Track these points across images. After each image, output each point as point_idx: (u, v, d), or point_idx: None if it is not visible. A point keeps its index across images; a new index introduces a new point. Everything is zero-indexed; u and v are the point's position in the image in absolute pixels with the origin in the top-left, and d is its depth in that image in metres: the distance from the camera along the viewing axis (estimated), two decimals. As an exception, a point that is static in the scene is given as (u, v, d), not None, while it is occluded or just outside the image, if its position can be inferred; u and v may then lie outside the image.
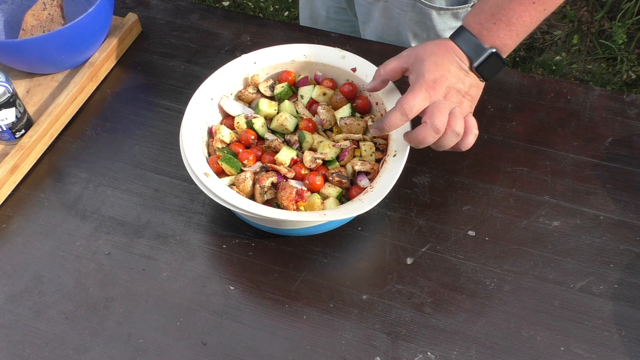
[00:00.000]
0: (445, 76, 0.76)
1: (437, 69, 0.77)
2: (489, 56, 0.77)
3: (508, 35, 0.77)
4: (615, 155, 0.92)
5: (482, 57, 0.77)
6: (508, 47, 0.78)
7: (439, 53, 0.78)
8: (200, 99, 0.85)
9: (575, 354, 0.75)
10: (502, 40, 0.77)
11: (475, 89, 0.80)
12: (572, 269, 0.82)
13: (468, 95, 0.79)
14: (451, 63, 0.78)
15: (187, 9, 1.15)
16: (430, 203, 0.88)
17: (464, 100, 0.78)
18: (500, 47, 0.78)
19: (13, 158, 0.90)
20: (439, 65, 0.77)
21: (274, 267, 0.83)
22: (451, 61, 0.78)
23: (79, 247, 0.86)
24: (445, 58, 0.78)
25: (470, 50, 0.78)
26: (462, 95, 0.78)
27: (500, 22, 0.76)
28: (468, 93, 0.78)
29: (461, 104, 0.78)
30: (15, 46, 0.95)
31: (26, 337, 0.78)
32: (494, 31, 0.77)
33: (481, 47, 0.77)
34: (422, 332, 0.77)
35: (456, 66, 0.78)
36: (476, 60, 0.78)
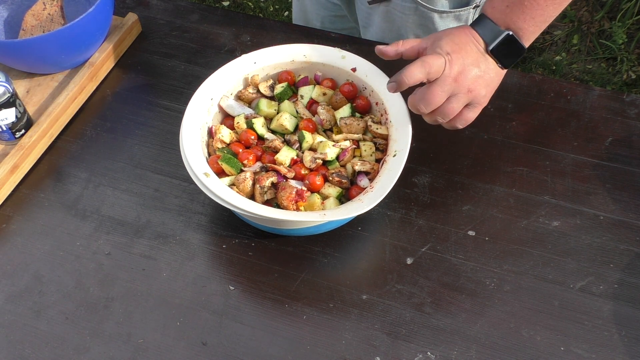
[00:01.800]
0: (462, 53, 0.77)
1: (455, 46, 0.77)
2: (504, 39, 0.77)
3: (522, 19, 0.77)
4: (615, 155, 0.92)
5: (497, 40, 0.77)
6: (525, 32, 0.78)
7: (457, 34, 0.78)
8: (200, 99, 0.85)
9: (575, 354, 0.75)
10: (517, 24, 0.77)
11: (493, 75, 0.79)
12: (572, 269, 0.82)
13: (481, 80, 0.78)
14: (468, 44, 0.78)
15: (187, 9, 1.15)
16: (430, 203, 0.88)
17: (471, 95, 0.78)
18: (515, 30, 0.78)
19: (13, 158, 0.90)
20: (457, 43, 0.77)
21: (274, 267, 0.83)
22: (469, 42, 0.78)
23: (79, 247, 0.86)
24: (463, 38, 0.78)
25: (485, 33, 0.78)
26: (474, 82, 0.77)
27: (513, 5, 0.76)
28: (482, 77, 0.78)
29: (468, 94, 0.78)
30: (15, 46, 0.95)
31: (26, 337, 0.78)
32: (507, 14, 0.77)
33: (497, 30, 0.78)
34: (422, 332, 0.77)
35: (474, 47, 0.78)
36: (491, 44, 0.77)
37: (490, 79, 0.79)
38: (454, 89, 0.77)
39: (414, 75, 0.76)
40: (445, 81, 0.76)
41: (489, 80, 0.79)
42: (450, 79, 0.76)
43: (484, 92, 0.79)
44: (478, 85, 0.78)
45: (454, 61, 0.76)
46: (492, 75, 0.79)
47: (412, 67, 0.76)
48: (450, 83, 0.76)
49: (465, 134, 0.95)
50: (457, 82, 0.76)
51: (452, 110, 0.79)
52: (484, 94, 0.79)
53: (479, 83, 0.78)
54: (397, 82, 0.77)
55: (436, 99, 0.76)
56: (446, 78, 0.76)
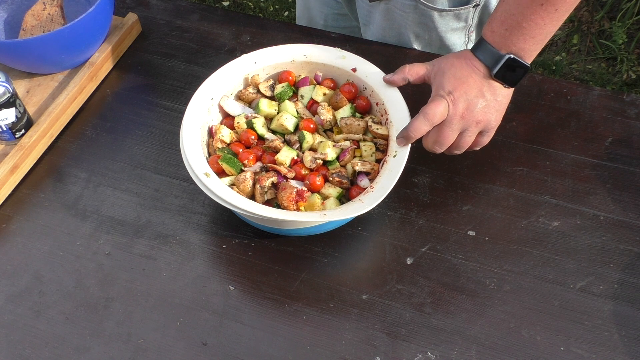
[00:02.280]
0: (464, 88, 0.78)
1: (457, 82, 0.79)
2: (506, 62, 0.78)
3: (522, 40, 0.77)
4: (615, 155, 0.92)
5: (499, 65, 0.78)
6: (527, 51, 0.79)
7: (458, 65, 0.80)
8: (200, 99, 0.85)
9: (575, 354, 0.75)
10: (518, 45, 0.78)
11: (501, 98, 0.80)
12: (572, 269, 0.82)
13: (489, 109, 0.80)
14: (471, 75, 0.79)
15: (187, 9, 1.15)
16: (430, 203, 0.88)
17: (481, 125, 0.80)
18: (516, 52, 0.78)
19: (13, 158, 0.90)
20: (459, 78, 0.79)
21: (274, 267, 0.83)
22: (471, 73, 0.79)
23: (79, 247, 0.86)
24: (464, 70, 0.79)
25: (487, 59, 0.79)
26: (482, 113, 0.79)
27: (512, 28, 0.77)
28: (489, 106, 0.79)
29: (478, 125, 0.80)
30: (15, 46, 0.95)
31: (26, 337, 0.78)
32: (507, 37, 0.78)
33: (497, 55, 0.78)
34: (422, 332, 0.77)
35: (476, 76, 0.79)
36: (494, 69, 0.78)
37: (498, 103, 0.80)
38: (463, 126, 0.79)
39: (420, 129, 0.79)
40: (453, 121, 0.79)
41: (497, 106, 0.80)
42: (457, 118, 0.78)
43: (494, 118, 0.81)
44: (486, 114, 0.80)
45: (457, 100, 0.78)
46: (499, 99, 0.80)
47: (416, 122, 0.79)
48: (458, 122, 0.79)
49: (465, 134, 0.95)
50: (464, 119, 0.79)
51: (466, 143, 0.82)
52: (493, 119, 0.81)
53: (486, 112, 0.80)
54: (405, 137, 0.80)
55: (448, 139, 0.80)
56: (453, 118, 0.78)
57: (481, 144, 0.84)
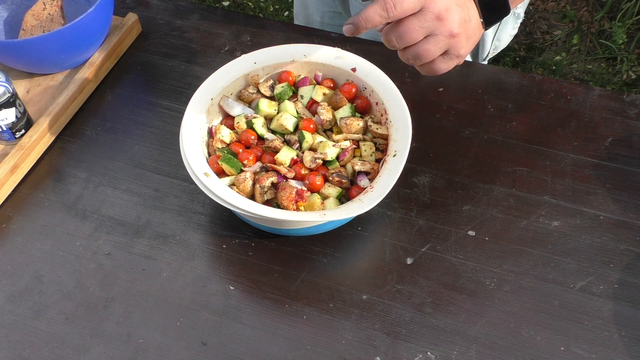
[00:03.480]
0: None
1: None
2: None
3: None
4: (615, 155, 0.92)
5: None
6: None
7: None
8: (200, 99, 0.85)
9: (575, 354, 0.75)
10: None
11: (475, 26, 0.71)
12: (572, 269, 0.82)
13: (465, 27, 0.70)
14: None
15: (187, 9, 1.15)
16: (430, 203, 0.88)
17: (452, 41, 0.70)
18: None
19: (13, 158, 0.90)
20: None
21: (274, 267, 0.83)
22: None
23: (79, 247, 0.86)
24: None
25: None
26: (459, 26, 0.69)
27: None
28: (467, 24, 0.70)
29: (449, 38, 0.69)
30: (15, 46, 0.95)
31: (26, 337, 0.78)
32: None
33: None
34: (422, 332, 0.77)
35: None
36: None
37: (472, 29, 0.71)
38: (434, 28, 0.68)
39: (372, 19, 0.66)
40: (426, 17, 0.67)
41: (471, 31, 0.71)
42: (432, 14, 0.67)
43: (465, 43, 0.71)
44: (462, 31, 0.69)
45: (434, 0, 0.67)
46: (474, 26, 0.71)
47: (370, 9, 0.66)
48: (432, 20, 0.67)
49: (465, 134, 0.95)
50: (439, 21, 0.68)
51: (428, 53, 0.70)
52: (464, 44, 0.71)
53: (463, 29, 0.69)
54: (353, 24, 0.68)
55: (411, 34, 0.68)
56: (427, 13, 0.67)
57: (439, 70, 0.72)
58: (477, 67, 1.05)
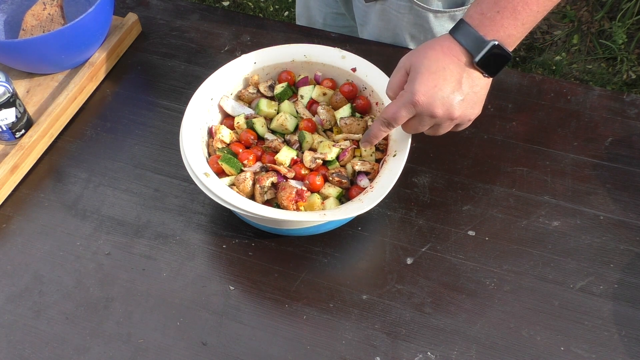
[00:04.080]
0: (438, 86, 0.71)
1: (430, 78, 0.72)
2: (490, 49, 0.71)
3: (513, 25, 0.71)
4: (615, 155, 0.92)
5: (483, 52, 0.71)
6: (513, 39, 0.73)
7: (433, 57, 0.73)
8: (200, 99, 0.85)
9: (575, 354, 0.75)
10: (507, 31, 0.71)
11: (478, 89, 0.74)
12: (572, 269, 0.82)
13: (464, 104, 0.73)
14: (447, 66, 0.72)
15: (187, 9, 1.15)
16: (430, 203, 0.88)
17: (457, 121, 0.75)
18: (503, 38, 0.72)
19: (13, 158, 0.90)
20: (433, 72, 0.72)
21: (274, 267, 0.83)
22: (448, 63, 0.72)
23: (79, 247, 0.86)
24: (441, 62, 0.72)
25: (469, 45, 0.72)
26: (457, 109, 0.73)
27: (505, 10, 0.71)
28: (465, 100, 0.73)
29: (452, 121, 0.75)
30: (15, 46, 0.95)
31: (26, 337, 0.78)
32: (497, 20, 0.71)
33: (482, 40, 0.71)
34: (422, 332, 0.77)
35: (454, 66, 0.72)
36: (477, 55, 0.71)
37: (475, 95, 0.74)
38: (434, 122, 0.75)
39: (379, 135, 0.78)
40: (422, 119, 0.74)
41: (474, 99, 0.74)
42: (426, 117, 0.74)
43: (470, 112, 0.75)
44: (463, 110, 0.74)
45: (427, 101, 0.72)
46: (477, 91, 0.74)
47: (374, 128, 0.78)
48: (428, 119, 0.74)
49: (465, 134, 0.95)
50: (435, 117, 0.73)
51: (439, 133, 0.78)
52: (470, 112, 0.75)
53: (463, 107, 0.73)
54: (368, 142, 0.80)
55: (420, 129, 0.76)
56: (422, 117, 0.74)
57: (457, 131, 0.79)
58: (477, 67, 1.05)
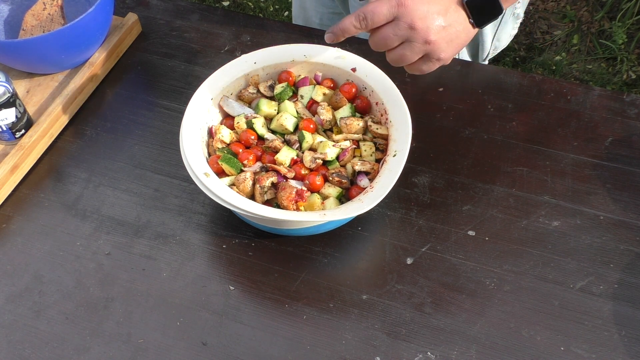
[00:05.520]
0: (427, 1, 0.69)
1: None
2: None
3: None
4: (615, 155, 0.92)
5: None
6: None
7: None
8: (200, 99, 0.85)
9: (575, 354, 0.75)
10: None
11: (460, 29, 0.72)
12: (572, 269, 0.82)
13: (444, 33, 0.70)
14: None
15: (187, 9, 1.15)
16: (430, 203, 0.88)
17: (429, 48, 0.71)
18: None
19: (13, 158, 0.90)
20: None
21: (274, 267, 0.83)
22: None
23: (79, 247, 0.86)
24: None
25: None
26: (435, 33, 0.70)
27: None
28: (445, 29, 0.70)
29: (425, 45, 0.71)
30: (15, 46, 0.95)
31: (26, 337, 0.78)
32: None
33: None
34: (422, 332, 0.77)
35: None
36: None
37: (455, 33, 0.72)
38: (408, 36, 0.70)
39: (348, 29, 0.72)
40: (399, 26, 0.70)
41: (453, 35, 0.72)
42: (404, 24, 0.70)
43: (445, 47, 0.72)
44: (439, 37, 0.70)
45: (413, 6, 0.69)
46: (458, 29, 0.72)
47: (346, 20, 0.72)
48: (405, 29, 0.70)
49: (465, 134, 0.95)
50: (412, 30, 0.70)
51: (404, 58, 0.73)
52: (444, 48, 0.72)
53: (440, 35, 0.70)
54: (333, 32, 0.74)
55: (386, 41, 0.71)
56: (400, 23, 0.70)
57: (421, 71, 0.74)
58: (477, 67, 1.05)
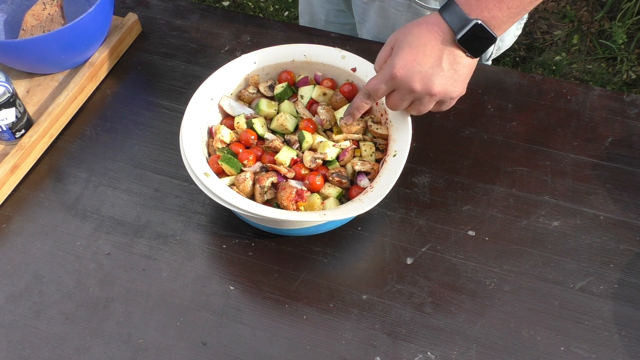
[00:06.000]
0: (417, 60, 0.73)
1: (410, 53, 0.73)
2: (473, 28, 0.72)
3: (498, 7, 0.72)
4: (615, 155, 0.92)
5: (464, 30, 0.72)
6: (498, 20, 0.73)
7: (417, 33, 0.74)
8: (200, 99, 0.85)
9: (575, 354, 0.75)
10: (491, 12, 0.72)
11: (460, 67, 0.75)
12: (572, 269, 0.82)
13: (445, 80, 0.74)
14: (429, 42, 0.73)
15: (187, 9, 1.15)
16: (430, 203, 0.88)
17: (437, 97, 0.75)
18: (488, 19, 0.72)
19: (13, 158, 0.90)
20: (415, 47, 0.73)
21: (274, 267, 0.83)
22: (430, 39, 0.73)
23: (79, 247, 0.86)
24: (423, 37, 0.74)
25: (453, 22, 0.73)
26: (438, 85, 0.74)
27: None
28: (445, 77, 0.74)
29: (433, 97, 0.75)
30: (15, 46, 0.95)
31: (26, 337, 0.78)
32: (482, 1, 0.72)
33: (465, 19, 0.72)
34: (422, 332, 0.77)
35: (436, 42, 0.73)
36: (459, 33, 0.72)
37: (457, 74, 0.75)
38: (415, 97, 0.76)
39: (361, 107, 0.80)
40: (402, 93, 0.76)
41: (455, 77, 0.75)
42: (405, 91, 0.75)
43: (452, 89, 0.75)
44: (442, 87, 0.75)
45: (406, 74, 0.73)
46: (458, 69, 0.75)
47: (356, 100, 0.80)
48: (408, 93, 0.75)
49: (465, 134, 0.95)
50: (415, 93, 0.75)
51: (421, 111, 0.78)
52: (451, 90, 0.75)
53: (443, 84, 0.74)
54: (350, 114, 0.82)
55: (398, 106, 0.78)
56: (401, 91, 0.75)
57: (440, 110, 0.80)
58: (477, 67, 1.04)
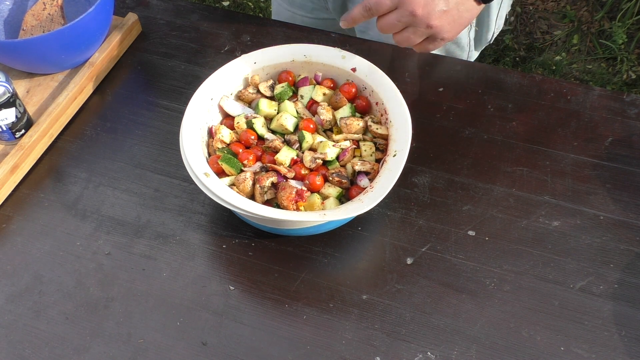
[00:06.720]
0: None
1: None
2: None
3: None
4: (615, 155, 0.92)
5: None
6: None
7: None
8: (200, 99, 0.85)
9: (575, 354, 0.75)
10: None
11: (463, 9, 0.73)
12: (572, 269, 0.82)
13: (446, 16, 0.72)
14: None
15: (187, 9, 1.15)
16: (430, 203, 0.88)
17: (432, 31, 0.73)
18: None
19: (13, 158, 0.90)
20: None
21: (274, 267, 0.83)
22: None
23: (79, 247, 0.86)
24: None
25: None
26: (438, 18, 0.72)
27: None
28: (448, 12, 0.72)
29: (427, 29, 0.73)
30: (15, 46, 0.95)
31: (26, 337, 0.78)
32: None
33: None
34: (422, 332, 0.77)
35: None
36: None
37: (458, 14, 0.74)
38: (411, 22, 0.73)
39: (357, 18, 0.77)
40: (402, 13, 0.73)
41: (456, 16, 0.74)
42: (406, 11, 0.72)
43: (448, 28, 0.74)
44: (442, 21, 0.73)
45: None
46: (462, 10, 0.74)
47: (355, 9, 0.77)
48: (407, 15, 0.72)
49: (465, 134, 0.95)
50: (414, 16, 0.72)
51: (409, 40, 0.76)
52: (447, 29, 0.74)
53: (443, 19, 0.72)
54: (345, 20, 0.80)
55: (390, 27, 0.75)
56: (402, 10, 0.72)
57: (426, 49, 0.77)
58: (477, 67, 1.05)
